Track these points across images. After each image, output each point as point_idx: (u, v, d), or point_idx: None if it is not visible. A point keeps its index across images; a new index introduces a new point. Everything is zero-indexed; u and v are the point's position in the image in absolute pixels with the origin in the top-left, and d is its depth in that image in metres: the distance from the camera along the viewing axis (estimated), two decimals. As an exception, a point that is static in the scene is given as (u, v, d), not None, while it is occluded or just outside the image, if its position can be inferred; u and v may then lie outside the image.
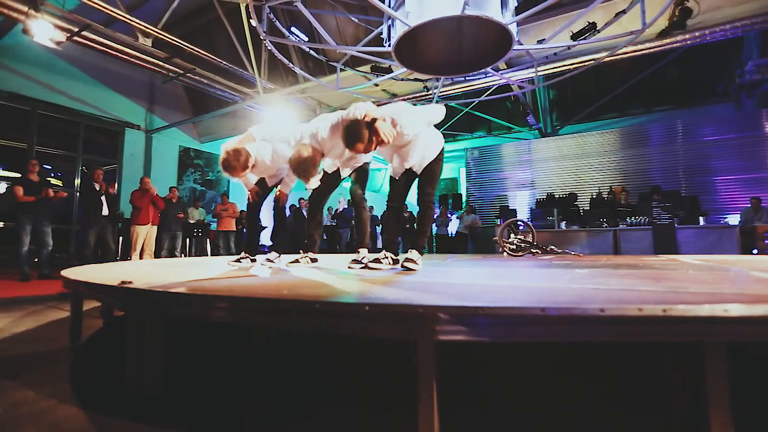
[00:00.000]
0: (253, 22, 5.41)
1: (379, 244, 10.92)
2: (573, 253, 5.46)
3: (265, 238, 7.99)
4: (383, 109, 2.29)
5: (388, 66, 6.59)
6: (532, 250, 5.07)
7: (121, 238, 7.57)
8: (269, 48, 5.95)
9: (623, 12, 5.08)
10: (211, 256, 8.04)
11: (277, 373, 1.74)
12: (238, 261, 2.93)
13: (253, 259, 2.97)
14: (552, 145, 10.25)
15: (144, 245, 6.87)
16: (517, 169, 10.59)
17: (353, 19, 6.46)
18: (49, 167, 9.59)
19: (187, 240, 8.30)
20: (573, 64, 6.49)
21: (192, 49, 6.67)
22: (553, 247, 5.40)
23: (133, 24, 5.95)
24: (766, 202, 7.13)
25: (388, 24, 4.75)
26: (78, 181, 8.83)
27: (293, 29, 6.43)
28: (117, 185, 9.29)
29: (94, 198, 6.24)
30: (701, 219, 6.89)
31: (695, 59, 9.38)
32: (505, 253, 5.11)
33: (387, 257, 2.42)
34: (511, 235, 5.37)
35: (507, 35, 4.21)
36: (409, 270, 2.24)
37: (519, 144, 10.82)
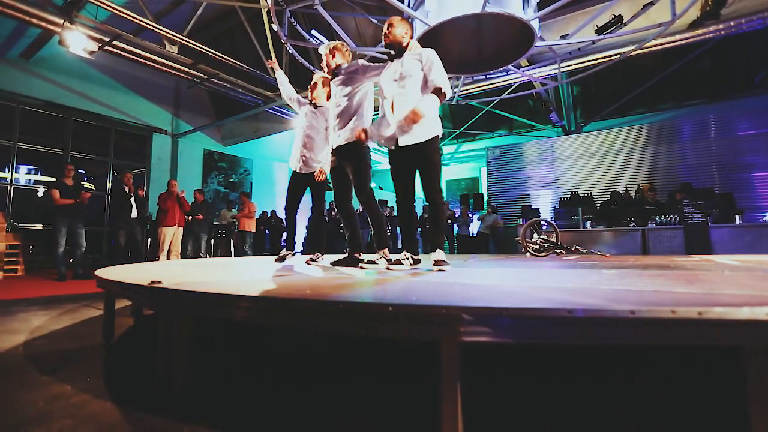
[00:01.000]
0: (274, 27, 5.51)
1: (399, 245, 10.92)
2: (599, 253, 5.31)
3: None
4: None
5: (408, 66, 6.58)
6: (556, 251, 4.96)
7: (149, 239, 7.83)
8: (290, 51, 6.03)
9: (651, 3, 4.91)
10: (234, 256, 8.22)
11: (301, 371, 1.77)
12: (282, 259, 2.98)
13: (293, 254, 3.04)
14: (576, 143, 10.01)
15: (171, 246, 7.08)
16: (539, 168, 10.39)
17: (372, 20, 6.48)
18: (83, 171, 10.03)
19: (212, 241, 8.51)
20: (598, 59, 6.32)
21: (215, 54, 6.85)
22: (577, 247, 5.27)
23: (160, 32, 6.15)
24: (809, 199, 6.76)
25: (408, 24, 4.74)
26: (109, 184, 9.20)
27: (313, 32, 6.50)
28: (145, 188, 9.63)
29: (124, 200, 6.48)
30: (737, 218, 6.58)
31: (730, 50, 8.95)
32: (528, 254, 5.01)
33: (408, 257, 2.42)
34: (534, 235, 5.27)
35: (529, 31, 4.13)
36: (441, 270, 2.26)
37: (542, 142, 10.61)
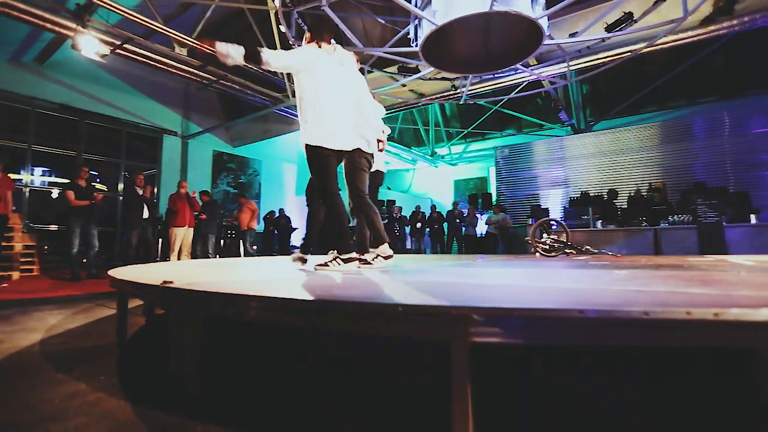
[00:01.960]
0: (282, 28, 5.54)
1: (409, 244, 10.89)
2: (610, 253, 5.25)
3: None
4: None
5: (416, 66, 6.57)
6: (566, 251, 4.91)
7: (160, 240, 7.93)
8: (298, 53, 6.06)
9: (662, 0, 4.84)
10: (243, 256, 8.28)
11: (311, 370, 1.77)
12: (303, 261, 2.95)
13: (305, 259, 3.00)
14: (586, 142, 9.91)
15: (182, 246, 7.16)
16: (549, 167, 10.31)
17: (379, 20, 6.49)
18: (95, 173, 10.19)
19: (221, 241, 8.59)
20: (608, 56, 6.24)
21: (225, 56, 6.90)
22: (588, 247, 5.21)
23: (169, 35, 6.22)
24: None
25: (415, 24, 4.74)
26: (121, 185, 9.34)
27: (321, 33, 6.52)
28: (156, 189, 9.75)
29: (136, 201, 6.57)
30: (752, 217, 6.45)
31: (744, 46, 8.78)
32: (537, 254, 4.97)
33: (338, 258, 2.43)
34: (544, 235, 5.23)
35: (537, 30, 4.10)
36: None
37: (551, 141, 10.52)
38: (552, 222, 5.97)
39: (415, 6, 4.41)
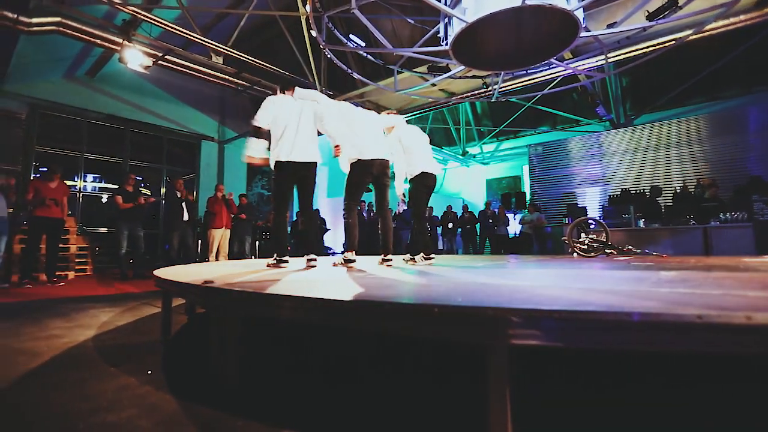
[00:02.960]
0: (313, 33, 5.64)
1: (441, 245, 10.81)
2: (654, 253, 4.99)
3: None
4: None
5: (446, 65, 6.51)
6: (607, 251, 4.71)
7: (199, 241, 8.27)
8: (328, 56, 6.16)
9: (711, -17, 4.54)
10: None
11: (349, 370, 1.79)
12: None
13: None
14: (626, 137, 9.45)
15: (219, 247, 7.44)
16: (586, 164, 9.92)
17: (409, 20, 6.48)
18: (140, 178, 10.79)
19: (256, 242, 8.85)
20: (649, 46, 5.93)
21: (258, 62, 7.12)
22: (630, 247, 4.97)
23: (206, 45, 6.49)
24: None
25: (445, 22, 4.69)
26: (163, 190, 9.82)
27: (351, 36, 6.60)
28: (195, 193, 10.19)
29: (176, 205, 6.90)
30: (816, 214, 5.92)
31: (805, 29, 8.07)
32: (575, 254, 4.80)
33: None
34: (582, 234, 5.04)
35: (572, 22, 3.95)
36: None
37: (587, 137, 10.12)
38: (590, 221, 5.74)
39: (445, 4, 4.37)
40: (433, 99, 8.46)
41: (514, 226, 10.29)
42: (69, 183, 7.43)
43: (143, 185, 10.77)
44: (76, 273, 6.75)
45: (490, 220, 9.95)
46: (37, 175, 7.74)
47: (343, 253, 3.07)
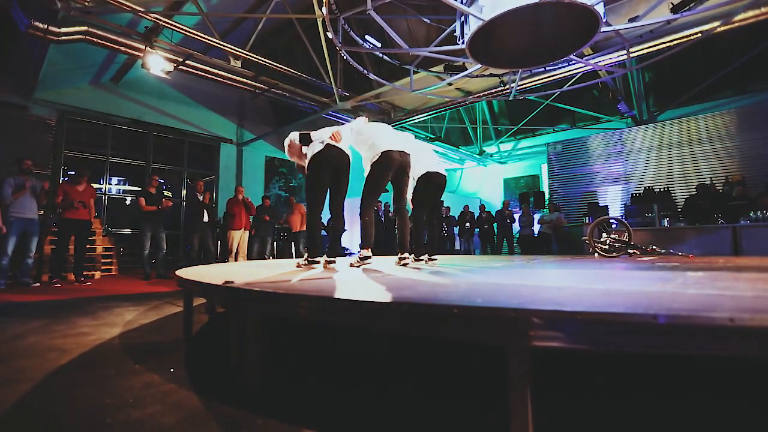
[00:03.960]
0: (329, 35, 5.68)
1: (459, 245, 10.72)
2: (680, 253, 4.83)
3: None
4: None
5: (462, 64, 6.46)
6: (629, 251, 4.58)
7: (219, 242, 8.44)
8: (345, 57, 6.19)
9: (739, -27, 4.37)
10: (296, 258, 8.58)
11: (368, 371, 1.79)
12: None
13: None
14: (649, 134, 9.18)
15: (238, 248, 7.56)
16: (607, 163, 9.68)
17: (425, 20, 6.45)
18: (162, 181, 11.08)
19: (275, 243, 8.97)
20: (674, 40, 5.74)
21: (275, 65, 7.22)
22: (654, 247, 4.83)
23: (225, 49, 6.62)
24: None
25: (461, 21, 4.65)
26: (184, 192, 10.06)
27: (367, 37, 6.62)
28: (214, 194, 10.40)
29: (197, 206, 7.05)
30: None
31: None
32: (596, 254, 4.69)
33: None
34: (603, 234, 4.92)
35: (592, 17, 3.86)
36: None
37: (609, 135, 9.87)
38: (612, 220, 5.60)
39: (462, 2, 4.33)
40: (449, 98, 8.41)
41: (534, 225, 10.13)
42: (95, 186, 7.69)
43: (165, 187, 11.05)
44: (102, 273, 6.98)
45: (508, 220, 9.81)
46: (66, 178, 8.04)
47: (359, 251, 3.07)
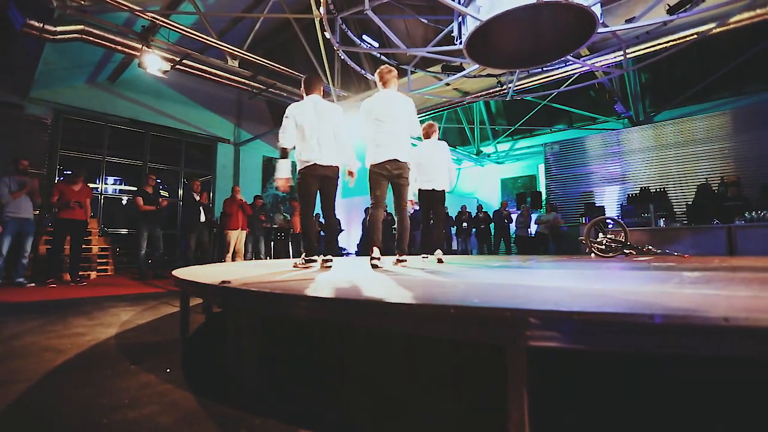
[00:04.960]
0: (327, 35, 5.68)
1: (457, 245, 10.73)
2: (676, 254, 4.86)
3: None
4: None
5: (459, 64, 6.47)
6: (626, 251, 4.61)
7: (216, 242, 8.42)
8: (342, 57, 6.19)
9: (734, -25, 4.40)
10: (292, 258, 8.57)
11: (364, 369, 1.79)
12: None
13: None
14: (646, 134, 9.22)
15: (235, 248, 7.55)
16: (604, 163, 9.71)
17: (422, 20, 6.46)
18: (159, 180, 11.02)
19: (271, 243, 8.95)
20: (670, 41, 5.77)
21: (273, 65, 7.20)
22: (650, 247, 4.85)
23: (223, 48, 6.60)
24: None
25: (458, 21, 4.66)
26: (181, 191, 10.02)
27: (364, 37, 6.62)
28: (211, 194, 10.37)
29: (193, 206, 7.02)
30: None
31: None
32: (592, 254, 4.71)
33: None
34: (600, 234, 4.94)
35: (589, 18, 3.88)
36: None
37: (606, 135, 9.90)
38: (608, 220, 5.62)
39: (459, 3, 4.34)
40: (446, 98, 8.41)
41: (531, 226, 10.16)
42: (91, 185, 7.65)
43: (162, 187, 11.00)
44: (98, 273, 6.94)
45: (506, 220, 9.83)
46: (61, 178, 8.00)
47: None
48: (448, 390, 1.54)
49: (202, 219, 7.06)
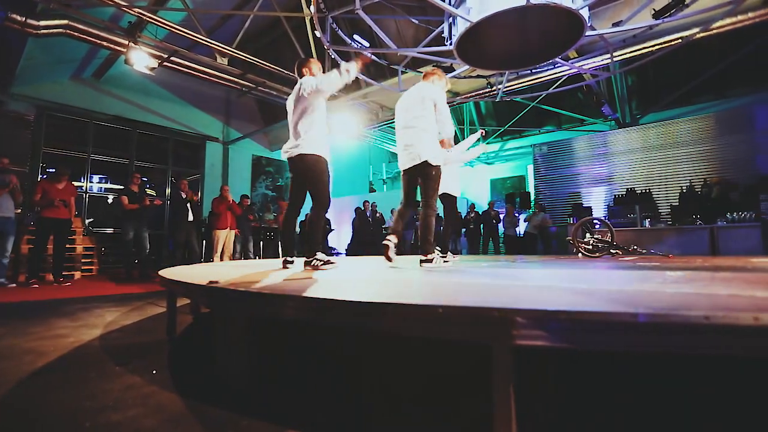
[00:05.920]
0: (317, 34, 5.65)
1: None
2: (660, 254, 4.95)
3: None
4: None
5: (450, 65, 6.50)
6: (612, 251, 4.68)
7: (204, 242, 8.32)
8: (333, 56, 6.16)
9: (717, -19, 4.50)
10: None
11: (354, 370, 1.79)
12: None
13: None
14: (632, 136, 9.38)
15: (224, 248, 7.47)
16: (591, 164, 9.85)
17: (413, 20, 6.47)
18: (145, 179, 10.86)
19: (260, 242, 8.89)
20: (655, 45, 5.88)
21: (262, 64, 7.15)
22: (635, 247, 4.94)
23: (212, 46, 6.52)
24: None
25: (449, 22, 4.68)
26: (168, 190, 9.88)
27: (355, 36, 6.60)
28: (200, 193, 10.24)
29: (181, 205, 6.93)
30: (827, 213, 5.86)
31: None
32: (580, 255, 4.77)
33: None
34: (587, 234, 5.00)
35: (577, 21, 3.93)
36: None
37: (593, 137, 10.05)
38: (595, 221, 5.70)
39: (449, 4, 4.36)
40: (437, 99, 8.43)
41: (520, 226, 10.25)
42: (76, 184, 7.50)
43: (148, 186, 10.84)
44: (82, 273, 6.81)
45: (494, 221, 9.91)
46: (44, 176, 7.82)
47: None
48: (437, 390, 1.54)
49: (190, 218, 6.98)
